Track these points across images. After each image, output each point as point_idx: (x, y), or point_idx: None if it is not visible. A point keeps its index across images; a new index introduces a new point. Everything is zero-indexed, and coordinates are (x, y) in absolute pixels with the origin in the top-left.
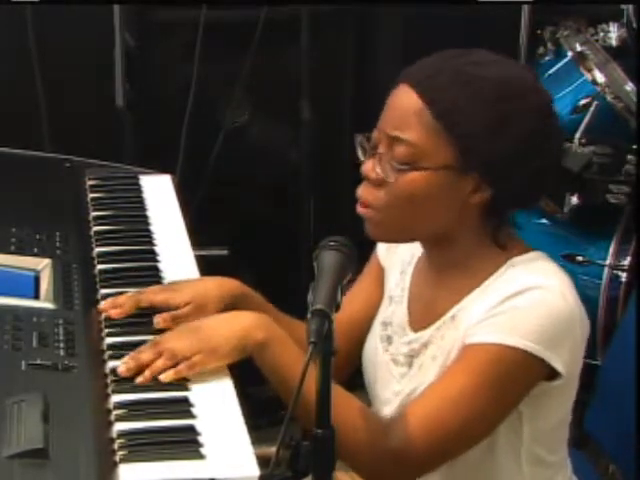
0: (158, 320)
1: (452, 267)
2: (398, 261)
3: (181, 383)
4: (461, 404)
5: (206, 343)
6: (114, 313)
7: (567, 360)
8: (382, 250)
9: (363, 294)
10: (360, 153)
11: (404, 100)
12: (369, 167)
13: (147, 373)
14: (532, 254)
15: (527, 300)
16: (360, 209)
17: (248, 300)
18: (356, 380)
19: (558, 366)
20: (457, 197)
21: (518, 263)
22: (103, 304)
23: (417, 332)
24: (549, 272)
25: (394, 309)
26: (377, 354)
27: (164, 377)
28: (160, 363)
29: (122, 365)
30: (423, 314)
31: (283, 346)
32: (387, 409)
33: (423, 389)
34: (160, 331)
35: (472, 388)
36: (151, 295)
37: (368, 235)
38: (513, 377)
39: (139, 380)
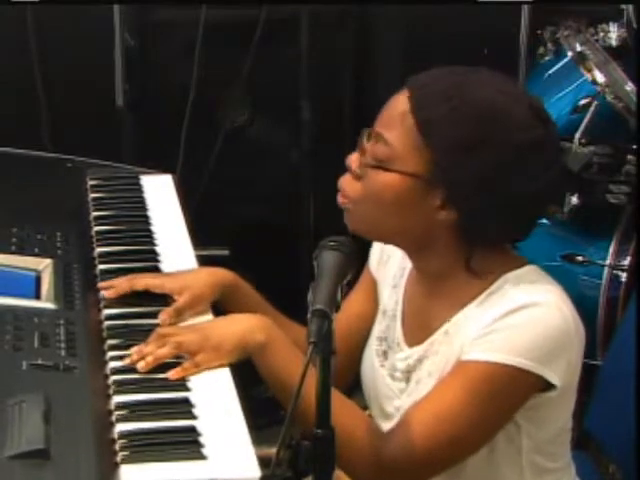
0: (164, 317)
1: (441, 282)
2: (389, 275)
3: (182, 384)
4: (456, 415)
5: (209, 341)
6: (108, 293)
7: (563, 372)
8: (373, 262)
9: (356, 305)
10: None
11: (397, 101)
12: (353, 159)
13: (150, 359)
14: (526, 269)
15: (523, 318)
16: (339, 199)
17: (241, 291)
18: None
19: (553, 380)
20: (423, 209)
21: (512, 279)
22: (101, 284)
23: (412, 347)
24: (544, 288)
25: (388, 324)
26: (374, 369)
27: (172, 375)
28: (164, 350)
29: (126, 359)
30: (417, 329)
31: (283, 348)
32: (389, 424)
33: (419, 399)
34: None
35: (466, 402)
36: (147, 278)
37: (347, 226)
38: (506, 392)
39: (140, 365)
